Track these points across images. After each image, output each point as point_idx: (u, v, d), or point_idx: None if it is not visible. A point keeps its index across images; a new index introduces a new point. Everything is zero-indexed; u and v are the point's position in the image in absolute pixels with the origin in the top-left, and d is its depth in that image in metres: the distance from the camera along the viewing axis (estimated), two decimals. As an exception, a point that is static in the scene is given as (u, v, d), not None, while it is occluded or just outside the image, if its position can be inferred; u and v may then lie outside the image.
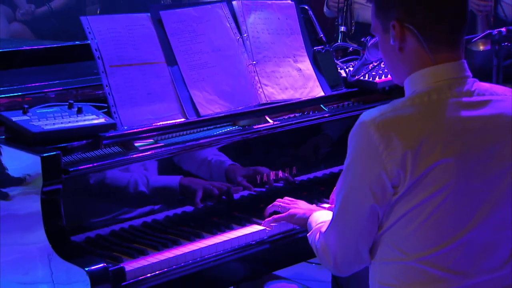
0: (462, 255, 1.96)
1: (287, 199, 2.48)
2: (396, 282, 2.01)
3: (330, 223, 2.05)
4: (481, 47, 4.86)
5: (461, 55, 2.01)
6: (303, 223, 2.34)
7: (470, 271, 1.98)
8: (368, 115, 1.94)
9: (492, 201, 1.99)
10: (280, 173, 2.70)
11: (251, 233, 2.44)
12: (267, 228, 2.46)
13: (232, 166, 2.55)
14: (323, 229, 2.10)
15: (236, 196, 2.60)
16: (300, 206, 2.42)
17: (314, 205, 2.47)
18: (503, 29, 3.96)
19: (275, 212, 2.49)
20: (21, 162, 2.22)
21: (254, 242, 2.43)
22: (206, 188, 2.50)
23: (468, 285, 1.99)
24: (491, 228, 1.99)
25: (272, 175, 2.67)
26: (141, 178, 2.38)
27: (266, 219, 2.47)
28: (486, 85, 2.03)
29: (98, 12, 6.15)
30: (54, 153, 2.16)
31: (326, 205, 2.61)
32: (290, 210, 2.39)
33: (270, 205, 2.50)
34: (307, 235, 2.24)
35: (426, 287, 1.98)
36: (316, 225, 2.23)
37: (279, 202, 2.47)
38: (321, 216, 2.29)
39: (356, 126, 1.96)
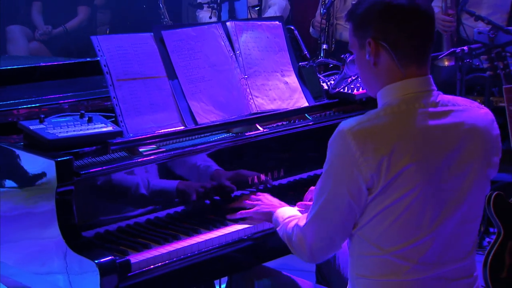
0: (430, 248, 1.96)
1: (253, 197, 2.45)
2: (371, 273, 2.01)
3: (309, 219, 2.04)
4: (446, 63, 4.87)
5: (428, 71, 2.02)
6: (269, 217, 2.32)
7: (438, 261, 1.99)
8: (346, 124, 1.94)
9: (455, 200, 1.99)
10: (269, 175, 2.67)
11: (243, 229, 2.41)
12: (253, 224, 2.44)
13: (217, 171, 2.53)
14: (301, 224, 2.08)
15: (232, 194, 2.58)
16: (266, 202, 2.39)
17: (277, 199, 2.44)
18: (465, 47, 3.98)
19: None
20: (37, 165, 2.20)
21: (245, 237, 2.40)
22: (201, 191, 2.48)
23: (436, 274, 1.99)
24: (455, 223, 1.99)
25: (262, 176, 2.65)
26: (144, 180, 2.36)
27: (233, 215, 2.43)
28: (449, 97, 2.03)
29: (107, 32, 6.17)
30: (67, 158, 2.14)
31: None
32: (256, 207, 2.37)
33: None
34: (277, 229, 2.23)
35: (398, 277, 1.98)
36: (284, 220, 2.22)
37: (245, 201, 2.44)
38: (286, 212, 2.28)
39: (335, 134, 1.95)
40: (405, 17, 1.96)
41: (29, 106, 2.57)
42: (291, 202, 2.54)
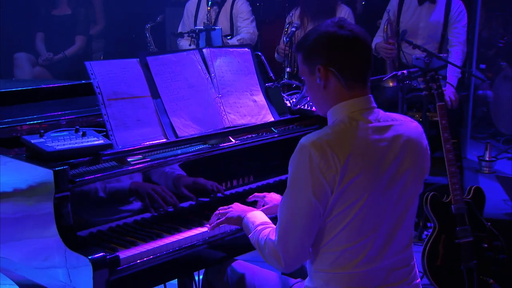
0: (374, 245, 1.97)
1: (222, 208, 2.37)
2: (327, 267, 2.01)
3: (280, 233, 1.99)
4: (390, 84, 4.89)
5: (368, 91, 2.03)
6: (239, 222, 2.25)
7: (380, 255, 2.00)
8: (306, 139, 1.93)
9: (395, 203, 2.00)
10: (241, 180, 2.65)
11: (218, 227, 2.36)
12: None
13: (194, 178, 2.51)
14: (272, 237, 2.03)
15: (206, 199, 2.54)
16: (235, 209, 2.31)
17: (246, 207, 2.36)
18: (405, 71, 4.03)
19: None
20: (38, 174, 2.16)
21: (220, 235, 2.37)
22: (180, 195, 2.46)
23: (379, 266, 2.00)
24: (394, 223, 2.00)
25: (235, 182, 2.63)
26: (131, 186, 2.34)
27: (210, 224, 2.35)
28: (387, 113, 2.05)
29: (101, 58, 6.17)
30: (64, 167, 2.11)
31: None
32: (226, 215, 2.30)
33: (213, 215, 2.37)
34: (249, 236, 2.17)
35: (349, 270, 1.98)
36: (255, 227, 2.15)
37: (218, 211, 2.36)
38: (256, 217, 2.21)
39: (298, 149, 1.93)
40: (349, 46, 1.97)
41: (31, 122, 2.53)
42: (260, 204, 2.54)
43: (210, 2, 5.16)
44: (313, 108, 2.90)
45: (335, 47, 1.96)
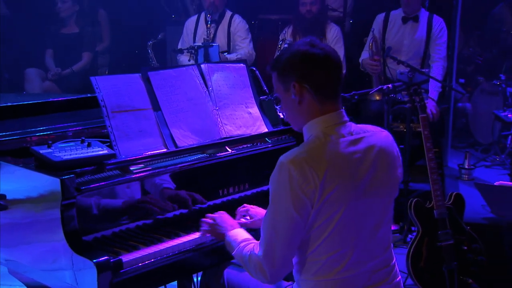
0: (354, 252, 1.96)
1: (209, 215, 2.34)
2: (312, 276, 1.99)
3: (264, 247, 1.95)
4: (377, 97, 4.89)
5: (340, 105, 2.01)
6: (222, 239, 2.22)
7: (361, 260, 1.98)
8: (284, 157, 1.90)
9: (372, 210, 1.98)
10: (237, 188, 2.63)
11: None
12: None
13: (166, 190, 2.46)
14: (256, 252, 1.99)
15: (204, 205, 2.53)
16: (219, 223, 2.27)
17: (231, 220, 2.31)
18: (390, 85, 4.01)
19: None
20: (45, 182, 2.14)
21: (216, 240, 2.32)
22: (181, 201, 2.45)
23: (361, 271, 1.98)
24: (372, 229, 1.99)
25: (231, 189, 2.61)
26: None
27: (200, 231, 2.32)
28: (360, 126, 2.03)
29: (106, 72, 6.15)
30: (70, 176, 2.10)
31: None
32: (212, 230, 2.27)
33: (202, 221, 2.33)
34: (232, 253, 2.13)
35: (332, 276, 1.96)
36: (238, 244, 2.12)
37: (204, 220, 2.33)
38: (238, 235, 2.18)
39: (277, 167, 1.91)
40: (321, 64, 1.96)
41: (39, 134, 2.52)
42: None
43: (209, 21, 5.16)
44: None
45: (307, 64, 1.95)
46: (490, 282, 3.49)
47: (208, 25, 5.15)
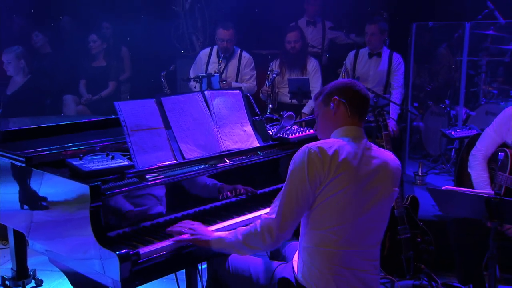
0: (353, 231, 1.96)
1: (188, 222, 2.26)
2: (313, 244, 1.99)
3: (278, 211, 1.97)
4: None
5: (362, 124, 2.11)
6: (204, 245, 2.15)
7: (357, 243, 1.98)
8: (309, 144, 1.99)
9: (368, 205, 1.98)
10: (233, 192, 2.60)
11: (216, 229, 2.33)
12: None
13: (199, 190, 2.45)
14: (271, 215, 1.99)
15: (207, 207, 2.49)
16: (199, 232, 2.18)
17: (206, 229, 2.23)
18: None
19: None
20: (77, 188, 2.13)
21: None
22: (188, 203, 2.41)
23: (353, 252, 1.98)
24: (367, 220, 1.99)
25: (229, 193, 2.58)
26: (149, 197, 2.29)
27: (176, 238, 2.19)
28: (373, 144, 2.11)
29: (128, 98, 6.14)
30: (97, 183, 2.09)
31: (254, 214, 2.52)
32: (194, 237, 2.16)
33: (177, 226, 2.23)
34: (227, 241, 2.09)
35: (330, 247, 1.97)
36: (230, 233, 2.11)
37: (180, 226, 2.23)
38: (222, 233, 2.15)
39: (301, 150, 2.00)
40: (355, 89, 2.09)
41: (73, 148, 2.50)
42: (249, 210, 2.53)
43: (220, 59, 5.16)
44: (290, 136, 2.88)
45: (346, 89, 2.09)
46: (438, 266, 3.52)
47: (220, 61, 5.15)
